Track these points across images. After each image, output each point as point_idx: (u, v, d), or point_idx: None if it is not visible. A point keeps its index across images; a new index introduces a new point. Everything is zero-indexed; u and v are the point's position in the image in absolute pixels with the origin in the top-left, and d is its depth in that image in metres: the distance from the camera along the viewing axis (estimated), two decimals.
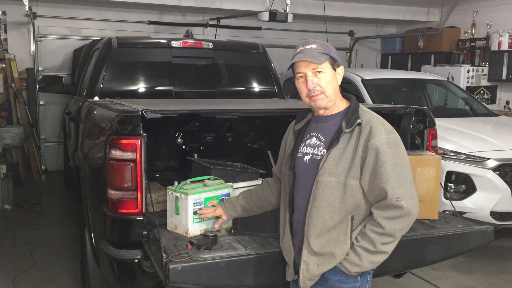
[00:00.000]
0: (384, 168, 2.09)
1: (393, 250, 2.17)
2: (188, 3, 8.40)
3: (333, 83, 2.24)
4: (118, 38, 4.99)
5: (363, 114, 2.22)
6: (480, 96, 8.71)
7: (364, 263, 2.13)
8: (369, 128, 2.15)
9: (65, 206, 6.72)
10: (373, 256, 2.13)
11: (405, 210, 2.09)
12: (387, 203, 2.10)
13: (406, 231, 2.16)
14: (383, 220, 2.10)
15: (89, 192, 3.49)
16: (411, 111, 3.58)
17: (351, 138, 2.17)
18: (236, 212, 2.78)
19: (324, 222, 2.17)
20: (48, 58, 8.77)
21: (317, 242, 2.19)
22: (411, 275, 4.56)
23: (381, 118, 2.24)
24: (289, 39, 9.75)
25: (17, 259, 4.88)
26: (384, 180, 2.09)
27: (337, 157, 2.16)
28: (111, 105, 3.43)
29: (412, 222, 2.15)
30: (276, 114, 4.22)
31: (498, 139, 5.49)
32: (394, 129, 2.23)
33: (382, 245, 2.11)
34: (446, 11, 9.95)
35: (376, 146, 2.11)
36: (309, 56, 2.19)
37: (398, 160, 2.13)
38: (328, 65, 2.22)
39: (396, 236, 2.13)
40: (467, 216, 4.70)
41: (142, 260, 2.85)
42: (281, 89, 5.46)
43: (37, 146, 8.30)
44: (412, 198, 2.12)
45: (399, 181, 2.10)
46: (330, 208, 2.16)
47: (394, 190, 2.09)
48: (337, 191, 2.15)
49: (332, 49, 2.26)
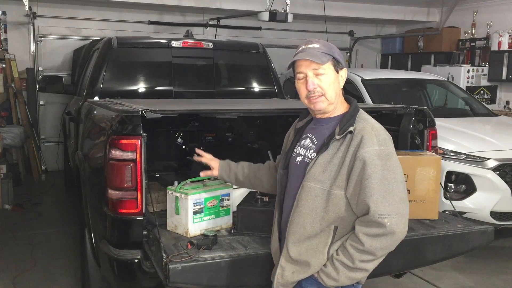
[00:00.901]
0: (369, 182, 1.97)
1: (388, 254, 2.06)
2: (188, 3, 8.41)
3: (335, 86, 2.14)
4: (118, 38, 4.99)
5: (359, 121, 2.10)
6: (480, 96, 8.71)
7: (341, 278, 2.03)
8: (360, 137, 2.02)
9: (65, 206, 6.72)
10: (351, 273, 2.02)
11: (387, 229, 1.95)
12: (369, 219, 1.98)
13: (389, 250, 2.02)
14: (363, 237, 1.98)
15: (89, 192, 3.49)
16: (411, 111, 3.58)
17: (342, 145, 2.06)
18: (228, 176, 2.69)
19: (303, 229, 2.09)
20: (48, 58, 8.77)
21: (295, 248, 2.12)
22: (411, 275, 4.56)
23: (378, 127, 2.11)
24: (289, 39, 9.75)
25: (17, 259, 4.88)
26: (368, 195, 1.97)
27: (324, 163, 2.07)
28: (111, 105, 3.43)
29: (397, 242, 2.01)
30: (276, 114, 4.22)
31: (498, 139, 5.49)
32: (390, 141, 2.10)
33: (361, 262, 2.00)
34: (446, 11, 9.95)
35: (363, 157, 1.99)
36: (311, 55, 2.10)
37: (388, 175, 2.00)
38: (330, 66, 2.12)
39: (377, 255, 2.00)
40: (467, 216, 4.70)
41: (142, 260, 2.85)
42: (281, 89, 5.46)
43: (37, 146, 8.30)
44: (399, 216, 1.98)
45: (385, 197, 1.97)
46: (312, 215, 2.07)
47: (378, 206, 1.96)
48: (321, 198, 2.06)
49: (335, 50, 2.16)
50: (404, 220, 2.01)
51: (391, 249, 2.03)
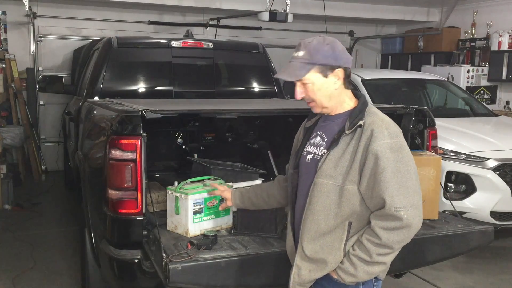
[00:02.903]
0: (383, 176, 1.96)
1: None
2: (188, 3, 8.40)
3: (325, 91, 2.09)
4: (118, 38, 4.99)
5: (368, 115, 2.08)
6: (480, 96, 8.71)
7: (359, 273, 2.01)
8: (370, 131, 2.01)
9: (65, 206, 6.72)
10: (369, 267, 2.01)
11: (404, 222, 1.95)
12: (385, 212, 1.97)
13: (405, 243, 2.01)
14: (380, 230, 1.97)
15: (89, 192, 3.49)
16: (411, 111, 3.58)
17: (352, 140, 2.04)
18: (242, 203, 2.68)
19: (318, 226, 2.08)
20: (48, 58, 8.77)
21: (310, 246, 2.10)
22: (411, 275, 4.56)
23: (387, 120, 2.10)
24: (289, 39, 9.75)
25: (17, 259, 4.88)
26: (383, 188, 1.96)
27: (336, 159, 2.05)
28: (111, 105, 3.43)
29: (413, 234, 2.00)
30: (276, 114, 4.22)
31: (498, 139, 5.49)
32: (401, 133, 2.08)
33: (378, 256, 1.99)
34: (446, 11, 9.95)
35: (375, 151, 1.97)
36: (286, 73, 2.10)
37: (401, 167, 1.99)
38: (314, 74, 2.07)
39: (394, 248, 1.99)
40: (467, 216, 4.70)
41: (142, 260, 2.85)
42: (281, 89, 5.46)
43: (37, 146, 8.30)
44: (414, 208, 1.98)
45: (400, 190, 1.96)
46: (326, 212, 2.06)
47: (393, 199, 1.95)
48: (334, 194, 2.05)
49: (323, 54, 2.07)
50: (419, 212, 2.00)
51: (408, 241, 2.02)
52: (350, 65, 2.14)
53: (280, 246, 2.69)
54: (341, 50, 2.12)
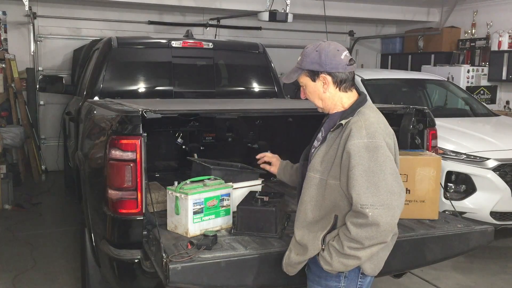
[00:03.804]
0: (352, 173, 2.06)
1: (371, 254, 2.10)
2: (188, 3, 8.40)
3: (315, 94, 2.28)
4: (118, 38, 4.99)
5: (357, 115, 2.17)
6: (480, 96, 8.71)
7: (334, 262, 2.12)
8: (349, 130, 2.12)
9: (65, 206, 6.73)
10: (343, 259, 2.10)
11: (370, 219, 2.01)
12: (354, 208, 2.07)
13: (378, 241, 2.06)
14: (350, 225, 2.06)
15: (89, 192, 3.49)
16: (411, 111, 3.59)
17: (337, 138, 2.17)
18: (284, 176, 2.86)
19: (305, 215, 2.23)
20: (48, 58, 8.77)
21: (299, 232, 2.26)
22: (411, 275, 4.56)
23: (372, 120, 2.15)
24: (289, 39, 9.76)
25: (17, 259, 4.88)
26: (351, 185, 2.06)
27: (322, 154, 2.20)
28: (111, 105, 3.43)
29: (385, 234, 2.04)
30: (276, 114, 4.22)
31: (498, 139, 5.49)
32: (382, 133, 2.12)
33: (349, 249, 2.07)
34: (446, 11, 9.95)
35: (349, 149, 2.08)
36: (287, 74, 2.31)
37: (374, 166, 2.05)
38: (305, 78, 2.27)
39: (364, 244, 2.04)
40: (467, 216, 4.70)
41: (142, 260, 2.85)
42: (281, 89, 5.46)
43: (37, 146, 8.30)
44: (384, 208, 2.02)
45: (369, 188, 2.03)
46: (312, 203, 2.21)
47: (360, 196, 2.03)
48: (320, 188, 2.19)
49: (310, 59, 2.21)
50: (391, 213, 2.03)
51: (381, 240, 2.06)
52: (340, 70, 2.20)
53: (280, 246, 2.69)
54: (329, 56, 2.19)
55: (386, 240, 2.08)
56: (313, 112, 2.56)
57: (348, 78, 2.24)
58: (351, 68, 2.23)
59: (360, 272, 2.20)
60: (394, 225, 2.08)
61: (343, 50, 2.23)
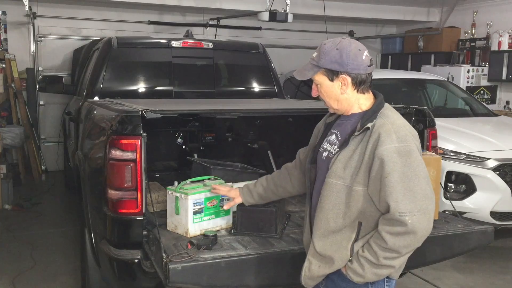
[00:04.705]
0: (388, 180, 1.95)
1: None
2: (188, 3, 8.40)
3: (331, 94, 2.13)
4: (118, 38, 5.00)
5: (380, 117, 2.06)
6: (480, 96, 8.70)
7: (367, 274, 2.03)
8: (377, 135, 2.00)
9: (65, 206, 6.72)
10: (377, 269, 2.02)
11: (409, 227, 1.93)
12: (390, 217, 1.97)
13: (414, 248, 2.01)
14: (386, 235, 1.97)
15: (89, 192, 3.49)
16: (411, 111, 3.59)
17: (362, 142, 2.04)
18: (252, 198, 2.73)
19: (327, 224, 2.10)
20: (48, 58, 8.77)
21: (320, 243, 2.13)
22: (411, 275, 4.56)
23: (399, 123, 2.07)
24: (289, 39, 9.75)
25: (17, 259, 4.88)
26: (388, 193, 1.96)
27: (345, 159, 2.06)
28: (111, 105, 3.43)
29: (421, 239, 1.98)
30: (276, 114, 4.22)
31: (498, 139, 5.49)
32: (413, 137, 2.06)
33: (385, 259, 1.99)
34: (446, 11, 9.95)
35: (381, 155, 1.96)
36: (299, 71, 2.18)
37: (408, 172, 1.96)
38: (321, 76, 2.12)
39: (401, 253, 1.98)
40: (467, 216, 4.69)
41: (142, 260, 2.85)
42: (281, 89, 5.47)
43: (37, 146, 8.30)
44: (422, 214, 1.95)
45: (406, 195, 1.95)
46: (335, 211, 2.08)
47: (398, 204, 1.94)
48: (343, 194, 2.06)
49: (330, 58, 2.08)
50: (427, 217, 1.98)
51: (417, 246, 2.01)
52: (361, 71, 2.09)
53: (280, 246, 2.69)
54: (351, 56, 2.07)
55: (419, 245, 2.02)
56: (313, 112, 2.56)
57: (368, 79, 2.12)
58: (371, 69, 2.13)
59: (386, 277, 2.13)
60: (430, 230, 1.99)
61: (364, 50, 2.11)
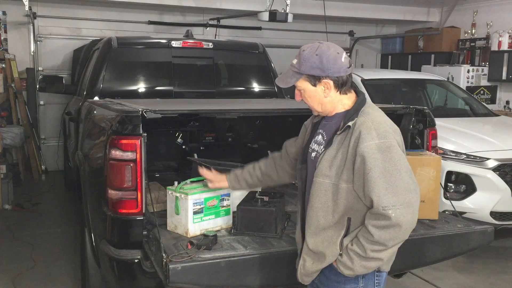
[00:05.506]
0: (370, 176, 2.01)
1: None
2: (188, 3, 8.41)
3: (315, 98, 2.19)
4: (118, 38, 5.00)
5: (362, 115, 2.12)
6: (480, 96, 8.70)
7: (356, 267, 2.09)
8: (358, 132, 2.06)
9: (65, 206, 6.72)
10: (365, 262, 2.08)
11: (393, 220, 1.99)
12: (375, 211, 2.03)
13: (401, 240, 2.06)
14: (372, 228, 2.03)
15: (89, 192, 3.49)
16: (411, 111, 3.59)
17: (344, 140, 2.11)
18: (239, 185, 2.77)
19: (317, 222, 2.17)
20: (48, 58, 8.77)
21: (312, 240, 2.19)
22: (411, 275, 4.56)
23: (379, 120, 2.13)
24: (289, 39, 9.75)
25: (17, 259, 4.88)
26: (370, 188, 2.02)
27: (330, 158, 2.13)
28: (111, 105, 3.43)
29: (406, 232, 2.04)
30: (276, 114, 4.22)
31: (498, 139, 5.49)
32: (392, 132, 2.11)
33: (372, 252, 2.04)
34: (446, 11, 9.95)
35: (362, 152, 2.03)
36: (281, 78, 2.22)
37: (389, 167, 2.02)
38: (303, 82, 2.17)
39: (388, 245, 2.04)
40: (467, 216, 4.69)
41: (142, 260, 2.85)
42: (281, 89, 5.46)
43: (37, 146, 8.30)
44: (404, 207, 2.01)
45: (388, 189, 2.00)
46: (324, 209, 2.14)
47: (381, 198, 2.00)
48: (330, 193, 2.12)
49: (310, 64, 2.12)
50: (411, 210, 2.03)
51: (403, 238, 2.06)
52: (342, 73, 2.16)
53: (280, 246, 2.69)
54: (330, 60, 2.12)
55: (406, 237, 2.08)
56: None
57: (349, 80, 2.20)
58: (351, 70, 2.21)
59: (376, 270, 2.19)
60: (415, 223, 2.06)
61: (342, 52, 2.16)
